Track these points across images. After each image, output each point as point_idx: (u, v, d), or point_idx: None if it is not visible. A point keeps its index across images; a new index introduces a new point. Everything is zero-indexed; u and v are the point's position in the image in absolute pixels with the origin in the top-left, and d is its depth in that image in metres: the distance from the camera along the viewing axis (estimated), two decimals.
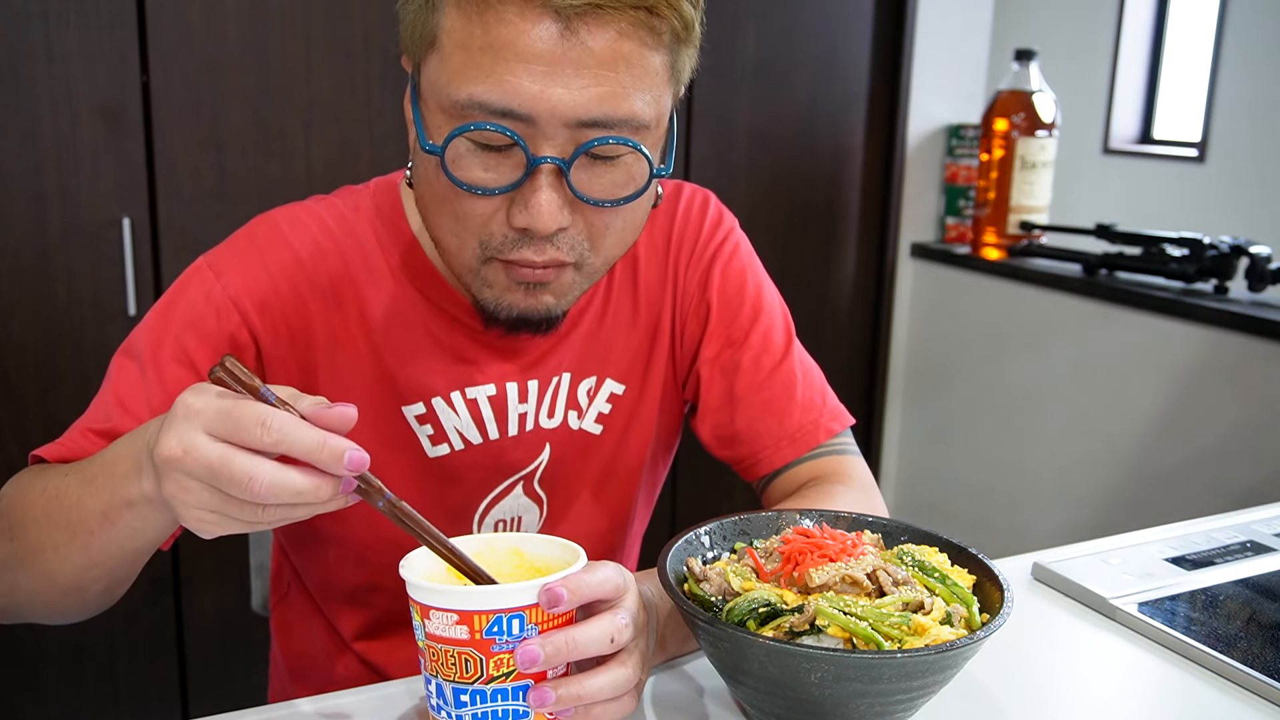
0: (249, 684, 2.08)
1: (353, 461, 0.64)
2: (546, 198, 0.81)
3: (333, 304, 0.94)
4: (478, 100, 0.78)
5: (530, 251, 0.84)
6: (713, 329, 1.06)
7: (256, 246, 0.93)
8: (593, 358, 1.04)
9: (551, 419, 1.03)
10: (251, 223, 0.96)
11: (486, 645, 0.67)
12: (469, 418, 0.99)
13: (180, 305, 0.91)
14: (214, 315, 0.90)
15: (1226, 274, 2.03)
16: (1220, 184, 3.26)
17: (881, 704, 0.70)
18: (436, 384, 0.98)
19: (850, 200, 2.59)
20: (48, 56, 1.77)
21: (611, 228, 0.86)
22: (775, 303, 1.10)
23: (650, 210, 0.94)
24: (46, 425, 1.87)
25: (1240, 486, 1.94)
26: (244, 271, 0.92)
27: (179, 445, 0.64)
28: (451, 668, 0.68)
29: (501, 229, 0.83)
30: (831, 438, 1.07)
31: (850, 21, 2.48)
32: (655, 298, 1.06)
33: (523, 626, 0.67)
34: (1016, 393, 2.43)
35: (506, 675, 0.68)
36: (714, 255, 1.06)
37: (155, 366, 0.90)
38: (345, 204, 0.98)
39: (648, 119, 0.82)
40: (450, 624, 0.67)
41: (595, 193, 0.83)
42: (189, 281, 0.92)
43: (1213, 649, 0.89)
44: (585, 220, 0.85)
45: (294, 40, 1.93)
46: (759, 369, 1.05)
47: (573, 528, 1.07)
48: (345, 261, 0.95)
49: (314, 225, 0.95)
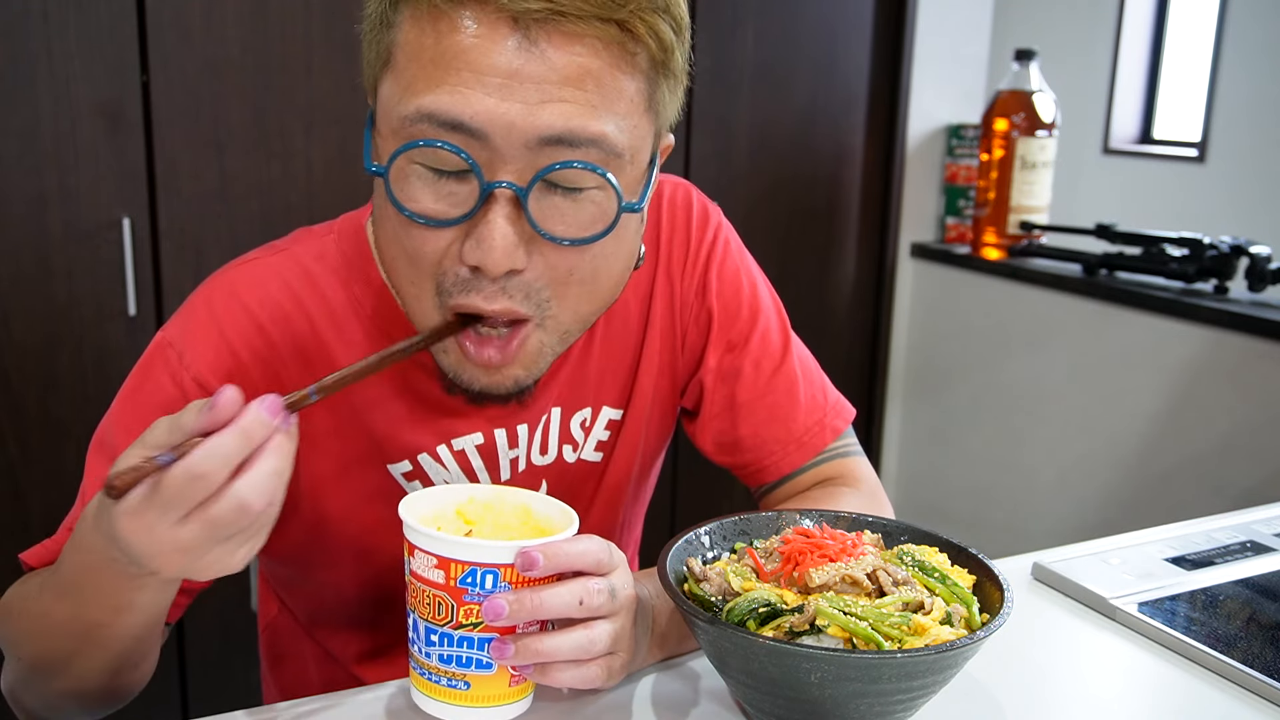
0: (249, 684, 2.07)
1: (273, 411, 0.64)
2: (500, 230, 0.73)
3: (302, 367, 0.88)
4: (426, 111, 0.72)
5: (479, 298, 0.76)
6: (715, 336, 1.02)
7: (215, 318, 0.86)
8: (585, 389, 0.98)
9: (545, 455, 0.98)
10: (207, 286, 0.90)
11: (459, 594, 0.70)
12: (458, 470, 0.94)
13: (146, 390, 0.86)
14: (181, 399, 0.84)
15: (1226, 274, 2.03)
16: (1220, 184, 3.26)
17: (881, 704, 0.70)
18: (422, 440, 0.92)
19: (850, 200, 2.59)
20: (48, 56, 1.77)
21: (577, 274, 0.78)
22: (769, 300, 1.06)
23: (630, 269, 0.86)
24: (46, 425, 1.87)
25: (1240, 486, 1.94)
26: (206, 348, 0.85)
27: (172, 552, 0.63)
28: (426, 607, 0.72)
29: (454, 266, 0.76)
30: (837, 437, 1.05)
31: (850, 21, 2.48)
32: (643, 308, 1.00)
33: (496, 582, 0.70)
34: (1016, 393, 2.43)
35: (474, 625, 0.71)
36: (708, 258, 1.01)
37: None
38: (307, 253, 0.90)
39: (620, 146, 0.75)
40: (429, 566, 0.70)
41: (557, 229, 0.75)
42: (152, 364, 0.87)
43: (1213, 649, 0.89)
44: (546, 263, 0.77)
45: (294, 40, 1.93)
46: (760, 373, 1.03)
47: None
48: (310, 320, 0.88)
49: (274, 284, 0.88)
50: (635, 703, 0.82)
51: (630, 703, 0.82)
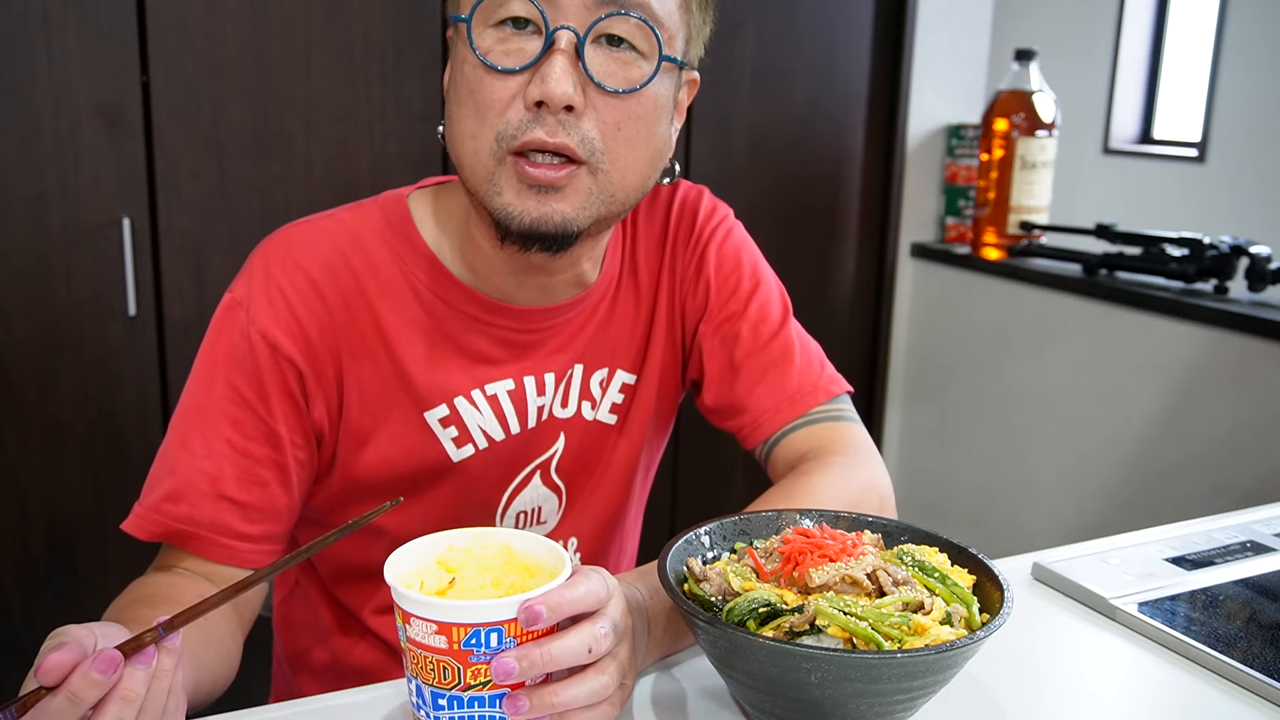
0: (249, 684, 2.07)
1: (104, 668, 0.62)
2: (560, 66, 0.84)
3: (347, 319, 0.96)
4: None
5: (542, 131, 0.85)
6: (712, 305, 1.09)
7: (272, 277, 0.95)
8: (603, 350, 1.06)
9: (565, 409, 1.06)
10: (265, 246, 0.98)
11: (464, 656, 0.68)
12: (491, 414, 1.01)
13: (220, 347, 0.94)
14: (251, 354, 0.93)
15: (1226, 274, 2.03)
16: (1220, 184, 3.26)
17: (881, 704, 0.70)
18: (458, 384, 0.99)
19: (850, 200, 2.59)
20: (48, 56, 1.77)
21: (624, 132, 0.88)
22: (772, 279, 1.13)
23: (663, 157, 0.95)
24: (46, 425, 1.87)
25: (1240, 486, 1.94)
26: (270, 307, 0.94)
27: None
28: (430, 672, 0.69)
29: (517, 114, 0.86)
30: (830, 399, 1.08)
31: (850, 21, 2.48)
32: (653, 284, 1.09)
33: (500, 640, 0.68)
34: (1016, 393, 2.43)
35: (484, 684, 0.69)
36: (709, 238, 1.09)
37: (212, 409, 0.93)
38: (353, 218, 0.99)
39: (661, 17, 0.88)
40: (429, 632, 0.68)
41: (608, 79, 0.87)
42: (223, 323, 0.95)
43: (1213, 649, 0.89)
44: (598, 116, 0.87)
45: (294, 40, 1.93)
46: (758, 336, 1.08)
47: (586, 515, 1.10)
48: (356, 276, 0.96)
49: (324, 244, 0.97)
50: (635, 703, 0.82)
51: (630, 702, 0.81)
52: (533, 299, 1.00)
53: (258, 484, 0.93)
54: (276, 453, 0.94)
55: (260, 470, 0.93)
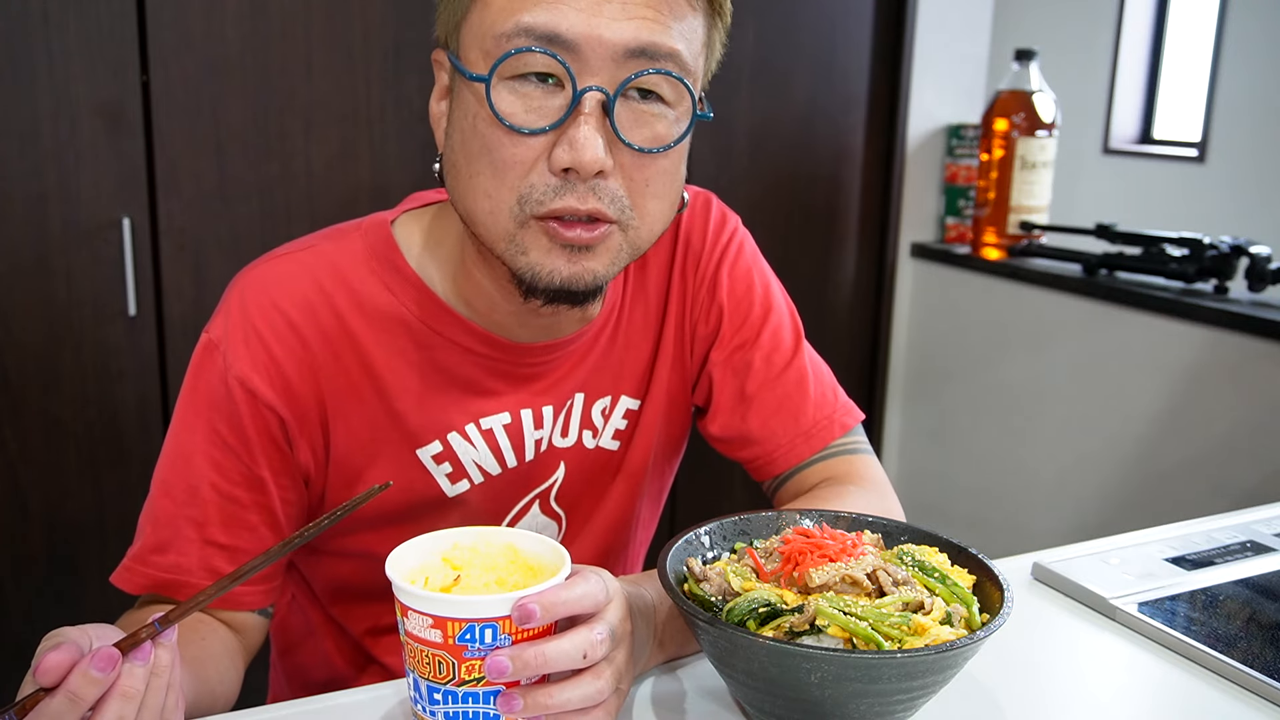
0: (249, 684, 2.07)
1: (103, 665, 0.63)
2: (590, 132, 0.80)
3: (330, 359, 0.92)
4: (524, 26, 0.79)
5: (573, 199, 0.81)
6: (724, 332, 1.05)
7: (248, 317, 0.91)
8: (606, 377, 1.02)
9: (565, 438, 1.02)
10: (240, 283, 0.93)
11: (459, 650, 0.68)
12: (486, 449, 0.98)
13: (200, 390, 0.91)
14: (230, 399, 0.90)
15: (1226, 274, 2.03)
16: (1220, 184, 3.26)
17: (881, 704, 0.70)
18: (452, 419, 0.96)
19: (850, 200, 2.59)
20: (48, 56, 1.77)
21: (652, 187, 0.85)
22: (783, 302, 1.10)
23: (676, 205, 0.92)
24: (46, 425, 1.87)
25: (1240, 486, 1.94)
26: (247, 352, 0.90)
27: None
28: (426, 666, 0.70)
29: (543, 178, 0.82)
30: (845, 433, 1.06)
31: (850, 21, 2.48)
32: (661, 303, 1.05)
33: (495, 636, 0.68)
34: (1016, 393, 2.43)
35: (478, 680, 0.69)
36: (720, 258, 1.05)
37: (194, 453, 0.91)
38: (334, 248, 0.94)
39: (688, 66, 0.84)
40: (425, 626, 0.69)
41: (637, 138, 0.83)
42: (202, 365, 0.92)
43: (1213, 649, 0.89)
44: (625, 174, 0.84)
45: (294, 40, 1.93)
46: (770, 367, 1.05)
47: (588, 541, 1.07)
48: (338, 313, 0.92)
49: (303, 280, 0.92)
50: (635, 703, 0.82)
51: (630, 703, 0.82)
52: (534, 337, 0.96)
53: (245, 528, 0.91)
54: (262, 496, 0.92)
55: (246, 514, 0.91)
